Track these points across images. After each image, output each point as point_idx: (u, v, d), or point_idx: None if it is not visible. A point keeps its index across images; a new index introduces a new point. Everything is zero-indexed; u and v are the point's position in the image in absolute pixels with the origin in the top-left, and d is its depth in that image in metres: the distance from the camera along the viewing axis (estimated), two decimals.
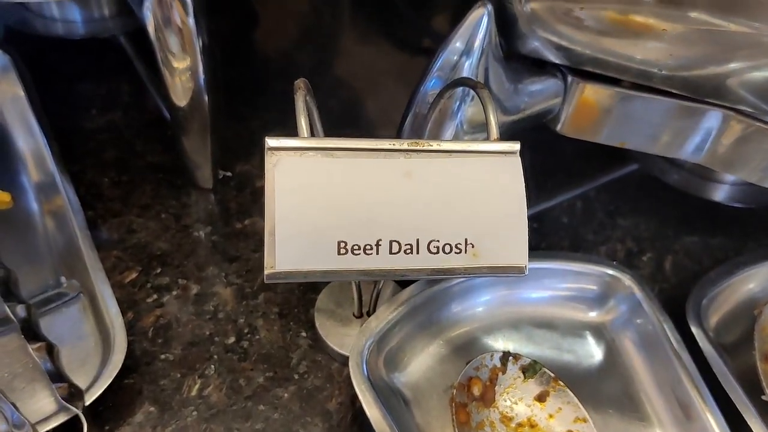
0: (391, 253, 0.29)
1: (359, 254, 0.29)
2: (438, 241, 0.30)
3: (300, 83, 0.32)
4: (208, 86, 0.47)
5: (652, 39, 0.38)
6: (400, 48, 0.66)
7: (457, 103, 0.39)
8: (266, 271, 0.28)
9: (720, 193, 0.54)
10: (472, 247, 0.30)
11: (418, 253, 0.29)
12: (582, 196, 0.55)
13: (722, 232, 0.54)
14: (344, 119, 0.59)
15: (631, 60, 0.40)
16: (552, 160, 0.56)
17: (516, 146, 0.31)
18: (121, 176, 0.52)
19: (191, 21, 0.44)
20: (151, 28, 0.45)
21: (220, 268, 0.47)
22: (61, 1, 0.55)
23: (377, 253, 0.29)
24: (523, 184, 0.30)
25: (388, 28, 0.68)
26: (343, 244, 0.29)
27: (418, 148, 0.30)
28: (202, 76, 0.46)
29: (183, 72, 0.46)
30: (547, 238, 0.52)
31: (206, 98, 0.47)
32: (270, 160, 0.29)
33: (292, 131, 0.36)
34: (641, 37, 0.38)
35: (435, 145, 0.30)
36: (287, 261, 0.28)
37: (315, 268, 0.29)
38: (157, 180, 0.52)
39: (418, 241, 0.29)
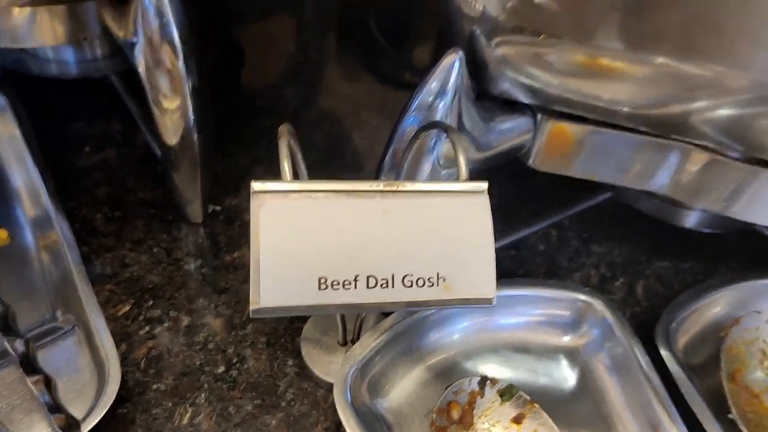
0: (368, 287, 0.31)
1: (339, 289, 0.31)
2: (412, 275, 0.32)
3: (283, 129, 0.34)
4: (198, 125, 0.49)
5: (618, 81, 0.40)
6: (383, 83, 0.69)
7: (433, 141, 0.42)
8: (251, 307, 0.31)
9: (691, 220, 0.56)
10: (444, 280, 0.32)
11: (393, 287, 0.31)
12: (557, 224, 0.58)
13: (693, 257, 0.57)
14: (330, 153, 0.62)
15: (598, 100, 0.42)
16: (528, 189, 0.59)
17: (483, 186, 0.33)
18: (114, 212, 0.54)
19: (181, 64, 0.46)
20: (142, 70, 0.47)
21: (210, 299, 0.49)
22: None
23: (355, 288, 0.31)
24: (491, 221, 0.33)
25: (372, 64, 0.70)
26: (323, 280, 0.31)
27: (393, 189, 0.32)
28: (191, 116, 0.48)
29: (173, 112, 0.48)
30: (524, 265, 0.54)
31: (196, 137, 0.49)
32: (255, 203, 0.31)
33: (278, 167, 0.38)
34: (608, 79, 0.40)
35: (409, 186, 0.33)
36: (271, 297, 0.30)
37: (297, 303, 0.31)
38: (149, 215, 0.54)
39: (393, 275, 0.32)
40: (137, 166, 0.57)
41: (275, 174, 0.34)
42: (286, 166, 0.33)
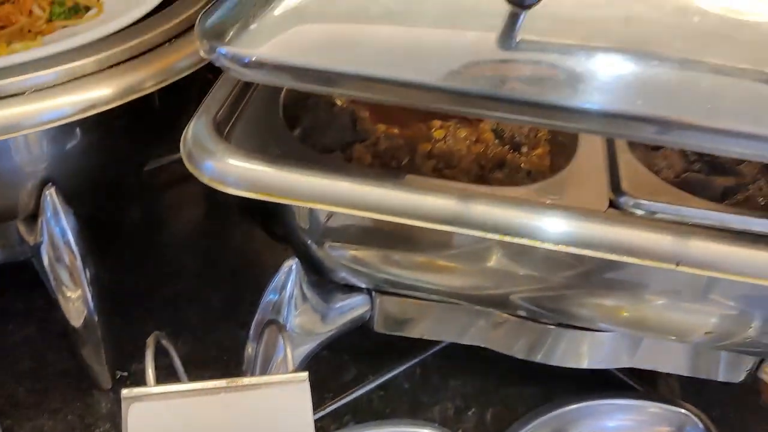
0: None
1: None
2: None
3: (151, 340, 0.44)
4: (98, 309, 0.59)
5: (450, 274, 0.51)
6: (278, 241, 0.80)
7: (286, 312, 0.52)
8: None
9: None
10: None
11: None
12: (420, 363, 0.68)
13: (535, 383, 0.67)
14: (227, 309, 0.71)
15: (429, 283, 0.53)
16: None
17: (304, 375, 0.43)
18: (35, 384, 0.62)
19: (79, 263, 0.56)
20: (47, 265, 0.57)
21: None
22: None
23: None
24: (311, 404, 0.43)
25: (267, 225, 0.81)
26: None
27: (233, 385, 0.42)
28: (91, 302, 0.58)
29: (75, 300, 0.58)
30: (391, 404, 0.64)
31: (96, 319, 0.59)
32: (124, 406, 0.41)
33: (180, 333, 0.47)
34: (441, 272, 0.51)
35: (246, 381, 0.43)
36: None
37: None
38: (65, 385, 0.63)
39: None
40: (56, 340, 0.66)
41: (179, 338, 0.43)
42: (150, 374, 0.42)
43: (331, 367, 0.66)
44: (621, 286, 0.49)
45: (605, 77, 0.37)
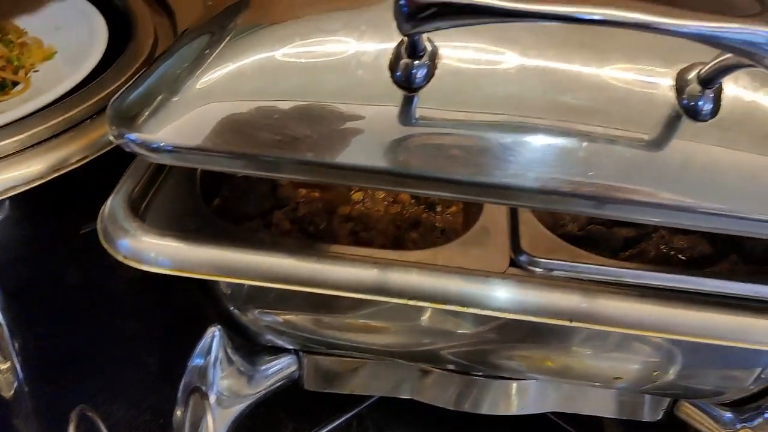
0: None
1: None
2: None
3: (73, 415, 0.45)
4: (28, 379, 0.59)
5: (376, 333, 0.52)
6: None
7: (212, 376, 0.53)
8: None
9: None
10: None
11: None
12: (356, 415, 0.69)
13: (471, 430, 0.68)
14: (163, 371, 0.72)
15: (355, 342, 0.54)
16: None
17: None
18: None
19: (6, 334, 0.57)
20: None
21: None
22: None
23: None
24: None
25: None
26: None
27: None
28: (20, 373, 0.58)
29: (4, 371, 0.58)
30: None
31: (26, 389, 0.59)
32: None
33: (117, 395, 0.47)
34: (367, 332, 0.52)
35: None
36: None
37: None
38: None
39: None
40: None
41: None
42: None
43: (266, 424, 0.67)
44: (540, 338, 0.51)
45: (498, 151, 0.39)
